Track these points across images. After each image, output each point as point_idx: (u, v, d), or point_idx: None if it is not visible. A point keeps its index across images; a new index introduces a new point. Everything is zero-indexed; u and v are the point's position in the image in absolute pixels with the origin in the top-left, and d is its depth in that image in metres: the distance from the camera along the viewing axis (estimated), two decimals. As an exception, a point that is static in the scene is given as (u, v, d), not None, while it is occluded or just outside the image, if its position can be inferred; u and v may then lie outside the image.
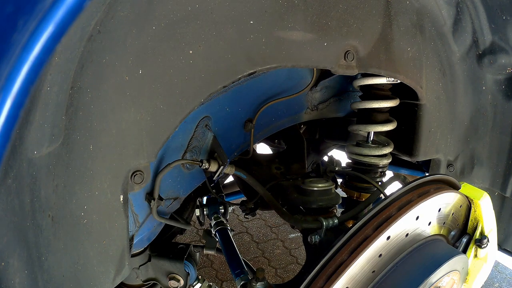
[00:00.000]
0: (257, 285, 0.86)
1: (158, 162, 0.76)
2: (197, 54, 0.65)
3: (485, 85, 0.96)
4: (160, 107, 0.64)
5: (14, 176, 0.44)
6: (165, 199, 0.82)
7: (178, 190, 0.83)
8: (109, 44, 0.56)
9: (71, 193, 0.59)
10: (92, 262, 0.65)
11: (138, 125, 0.64)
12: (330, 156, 1.28)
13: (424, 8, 0.89)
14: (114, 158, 0.63)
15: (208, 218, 1.34)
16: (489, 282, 2.45)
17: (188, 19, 0.62)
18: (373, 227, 0.67)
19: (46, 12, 0.37)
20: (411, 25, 0.87)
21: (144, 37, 0.59)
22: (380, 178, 1.10)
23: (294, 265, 2.58)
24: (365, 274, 0.66)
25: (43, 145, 0.48)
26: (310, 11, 0.72)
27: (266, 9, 0.68)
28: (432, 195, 0.71)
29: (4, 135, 0.38)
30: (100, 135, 0.60)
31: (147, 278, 1.06)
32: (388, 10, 0.83)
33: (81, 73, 0.54)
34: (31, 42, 0.37)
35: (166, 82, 0.64)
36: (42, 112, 0.45)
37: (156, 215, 0.78)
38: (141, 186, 0.70)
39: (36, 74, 0.38)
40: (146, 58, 0.61)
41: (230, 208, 1.38)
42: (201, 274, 2.17)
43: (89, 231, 0.63)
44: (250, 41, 0.68)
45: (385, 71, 0.85)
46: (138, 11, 0.58)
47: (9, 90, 0.37)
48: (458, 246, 0.81)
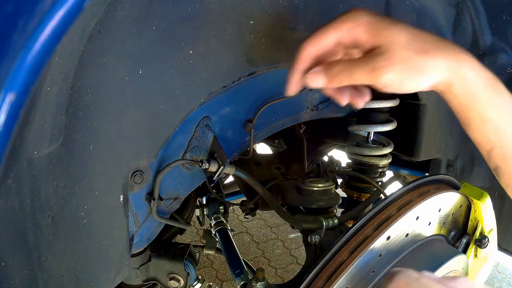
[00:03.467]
0: (257, 285, 0.86)
1: (158, 162, 0.76)
2: (197, 54, 0.65)
3: (485, 85, 0.96)
4: (160, 107, 0.64)
5: (14, 176, 0.44)
6: (165, 199, 0.82)
7: (178, 190, 0.83)
8: (109, 44, 0.56)
9: (71, 193, 0.59)
10: (92, 262, 0.65)
11: (138, 125, 0.64)
12: (330, 156, 1.28)
13: (424, 8, 0.88)
14: (114, 158, 0.63)
15: (208, 218, 1.34)
16: (489, 282, 2.45)
17: (188, 19, 0.62)
18: (373, 227, 0.67)
19: (46, 12, 0.37)
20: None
21: (144, 37, 0.59)
22: (380, 178, 1.10)
23: (294, 265, 2.58)
24: (365, 274, 0.66)
25: (43, 145, 0.48)
26: (310, 11, 0.72)
27: (266, 9, 0.68)
28: (432, 195, 0.71)
29: (4, 135, 0.38)
30: (100, 135, 0.60)
31: (147, 278, 1.06)
32: (388, 10, 0.83)
33: (81, 73, 0.54)
34: (31, 42, 0.37)
35: (166, 82, 0.64)
36: (42, 112, 0.45)
37: (156, 215, 0.78)
38: (141, 186, 0.70)
39: (36, 74, 0.38)
40: (146, 58, 0.61)
41: (230, 208, 1.38)
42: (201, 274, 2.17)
43: (89, 231, 0.63)
44: (250, 41, 0.68)
45: (385, 71, 0.85)
46: (138, 11, 0.58)
47: (9, 90, 0.37)
48: (458, 246, 0.81)
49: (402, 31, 0.50)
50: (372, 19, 0.51)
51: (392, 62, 0.49)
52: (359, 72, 0.51)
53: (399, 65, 0.49)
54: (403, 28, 0.51)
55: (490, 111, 0.53)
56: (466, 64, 0.51)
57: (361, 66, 0.50)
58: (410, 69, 0.49)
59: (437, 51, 0.50)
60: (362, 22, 0.51)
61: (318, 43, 0.53)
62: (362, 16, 0.52)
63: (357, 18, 0.51)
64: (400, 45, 0.49)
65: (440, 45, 0.51)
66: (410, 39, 0.50)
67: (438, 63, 0.50)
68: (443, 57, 0.50)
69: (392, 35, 0.50)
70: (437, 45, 0.51)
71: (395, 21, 0.52)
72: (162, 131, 0.66)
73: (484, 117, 0.54)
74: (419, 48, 0.50)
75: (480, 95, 0.52)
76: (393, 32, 0.50)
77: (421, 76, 0.50)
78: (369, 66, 0.50)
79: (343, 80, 0.52)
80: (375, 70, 0.49)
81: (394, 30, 0.50)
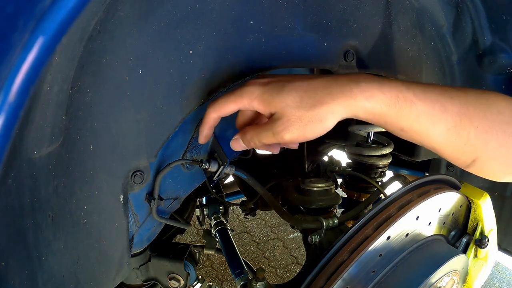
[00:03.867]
0: (257, 285, 0.86)
1: (158, 162, 0.75)
2: (197, 54, 0.65)
3: (485, 85, 0.96)
4: (160, 107, 0.64)
5: (14, 176, 0.44)
6: (165, 199, 0.82)
7: (178, 190, 0.83)
8: (109, 44, 0.56)
9: (71, 193, 0.59)
10: (92, 262, 0.65)
11: (138, 125, 0.64)
12: (330, 156, 1.28)
13: (424, 8, 0.89)
14: (114, 158, 0.63)
15: (208, 218, 1.34)
16: (489, 282, 2.45)
17: (188, 19, 0.62)
18: (373, 227, 0.67)
19: (46, 12, 0.37)
20: (411, 25, 0.87)
21: (144, 37, 0.59)
22: (380, 178, 1.10)
23: (294, 265, 2.58)
24: (365, 274, 0.66)
25: (43, 145, 0.48)
26: (310, 11, 0.72)
27: (266, 9, 0.68)
28: (432, 195, 0.71)
29: (4, 135, 0.38)
30: (100, 135, 0.60)
31: (147, 278, 1.06)
32: (388, 10, 0.83)
33: (81, 73, 0.54)
34: (31, 42, 0.37)
35: (166, 82, 0.64)
36: (42, 112, 0.45)
37: (156, 215, 0.78)
38: (141, 186, 0.70)
39: (36, 74, 0.38)
40: (146, 58, 0.61)
41: (230, 208, 1.38)
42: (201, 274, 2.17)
43: (89, 231, 0.63)
44: (250, 41, 0.68)
45: (385, 71, 0.85)
46: (138, 11, 0.58)
47: (9, 90, 0.37)
48: (458, 246, 0.81)
49: (291, 94, 0.57)
50: (263, 91, 0.59)
51: (289, 125, 0.56)
52: (266, 137, 0.60)
53: (295, 125, 0.56)
54: (292, 90, 0.57)
55: (404, 122, 0.58)
56: (360, 97, 0.56)
57: (266, 132, 0.59)
58: (306, 124, 0.56)
59: (328, 98, 0.56)
60: (255, 97, 0.59)
61: (219, 112, 0.63)
62: (255, 90, 0.59)
63: (251, 93, 0.59)
64: (292, 107, 0.56)
65: (332, 90, 0.56)
66: (300, 98, 0.56)
67: (331, 109, 0.56)
68: (334, 102, 0.56)
69: (283, 101, 0.57)
70: (328, 92, 0.56)
71: (286, 83, 0.58)
72: (162, 131, 0.66)
73: (401, 127, 0.59)
74: (310, 103, 0.56)
75: (388, 114, 0.57)
76: (283, 98, 0.57)
77: (320, 125, 0.56)
78: (271, 131, 0.58)
79: (256, 144, 0.62)
80: (276, 134, 0.58)
81: (283, 96, 0.57)
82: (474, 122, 0.58)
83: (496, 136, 0.59)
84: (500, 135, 0.59)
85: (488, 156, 0.61)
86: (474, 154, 0.60)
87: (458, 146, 0.60)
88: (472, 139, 0.59)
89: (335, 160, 1.23)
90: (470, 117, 0.58)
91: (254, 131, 0.62)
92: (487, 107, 0.59)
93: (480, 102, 0.59)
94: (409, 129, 0.59)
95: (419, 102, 0.57)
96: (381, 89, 0.57)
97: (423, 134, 0.59)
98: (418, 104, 0.57)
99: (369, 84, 0.57)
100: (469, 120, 0.58)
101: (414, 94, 0.57)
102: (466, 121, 0.58)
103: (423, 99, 0.57)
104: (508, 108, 0.60)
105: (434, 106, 0.57)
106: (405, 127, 0.59)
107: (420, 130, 0.59)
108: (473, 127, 0.58)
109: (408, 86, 0.58)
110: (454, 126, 0.58)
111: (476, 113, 0.58)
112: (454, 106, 0.58)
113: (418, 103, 0.57)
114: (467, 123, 0.58)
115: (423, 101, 0.57)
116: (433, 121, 0.58)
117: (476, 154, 0.60)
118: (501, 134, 0.59)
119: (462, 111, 0.58)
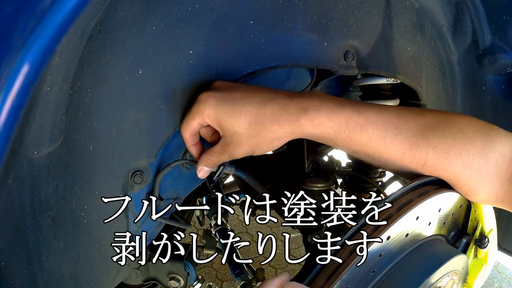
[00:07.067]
0: (257, 285, 0.86)
1: (158, 162, 0.75)
2: (197, 54, 0.65)
3: (485, 85, 0.96)
4: (160, 107, 0.64)
5: (14, 176, 0.44)
6: (165, 199, 0.82)
7: (178, 190, 0.83)
8: (109, 44, 0.56)
9: (71, 193, 0.59)
10: (92, 262, 0.65)
11: (138, 125, 0.64)
12: (330, 156, 1.28)
13: (424, 8, 0.89)
14: (114, 158, 0.63)
15: (208, 218, 1.34)
16: (489, 282, 2.45)
17: (188, 19, 0.62)
18: (373, 227, 0.66)
19: (46, 12, 0.37)
20: (411, 25, 0.87)
21: (144, 37, 0.59)
22: (380, 178, 1.10)
23: (294, 265, 2.58)
24: (365, 274, 0.66)
25: (43, 145, 0.48)
26: (310, 11, 0.72)
27: (266, 9, 0.68)
28: (432, 195, 0.70)
29: (4, 135, 0.38)
30: (100, 135, 0.60)
31: (147, 278, 1.06)
32: (388, 10, 0.83)
33: (81, 73, 0.54)
34: (31, 42, 0.37)
35: (166, 82, 0.64)
36: (42, 112, 0.45)
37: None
38: (141, 186, 0.70)
39: (36, 74, 0.38)
40: (146, 58, 0.61)
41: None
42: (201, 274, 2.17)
43: (89, 231, 0.63)
44: (250, 41, 0.68)
45: (385, 71, 0.85)
46: (138, 11, 0.58)
47: (9, 90, 0.37)
48: (458, 246, 0.81)
49: (240, 120, 0.58)
50: (215, 110, 0.60)
51: (239, 148, 0.61)
52: (224, 159, 0.65)
53: (244, 146, 0.60)
54: (242, 115, 0.58)
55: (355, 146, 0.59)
56: (307, 125, 0.57)
57: (223, 155, 0.64)
58: (255, 146, 0.60)
59: (275, 127, 0.58)
60: (207, 115, 0.60)
61: (189, 130, 0.64)
62: (206, 108, 0.60)
63: (203, 111, 0.60)
64: (240, 134, 0.59)
65: (279, 119, 0.58)
66: (248, 125, 0.58)
67: (277, 136, 0.58)
68: (281, 130, 0.58)
69: (232, 126, 0.59)
70: (276, 121, 0.58)
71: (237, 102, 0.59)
72: (162, 131, 0.66)
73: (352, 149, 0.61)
74: (257, 130, 0.58)
75: (337, 138, 0.58)
76: (232, 124, 0.59)
77: (266, 147, 0.60)
78: (227, 154, 0.63)
79: (216, 165, 0.68)
80: (231, 155, 0.62)
81: (232, 121, 0.59)
82: (433, 142, 0.56)
83: (460, 155, 0.56)
84: (463, 155, 0.56)
85: (453, 178, 0.59)
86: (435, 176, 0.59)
87: (416, 168, 0.59)
88: (431, 159, 0.57)
89: (335, 160, 1.23)
90: (427, 137, 0.56)
91: (213, 154, 0.65)
92: (446, 126, 0.57)
93: (438, 121, 0.58)
94: (361, 152, 0.60)
95: (371, 127, 0.57)
96: (330, 117, 0.57)
97: (377, 157, 0.59)
98: (369, 129, 0.57)
99: (318, 112, 0.57)
100: (427, 140, 0.56)
101: (366, 118, 0.57)
102: (423, 141, 0.56)
103: (375, 123, 0.57)
104: (471, 127, 0.57)
105: (387, 130, 0.57)
106: (356, 150, 0.60)
107: (373, 153, 0.59)
108: (431, 147, 0.56)
109: (360, 111, 0.58)
110: (409, 148, 0.57)
111: (435, 133, 0.56)
112: (409, 128, 0.57)
113: (369, 127, 0.57)
114: (425, 144, 0.56)
115: (375, 125, 0.57)
116: (385, 145, 0.57)
117: (439, 175, 0.59)
118: (465, 153, 0.56)
119: (419, 131, 0.57)
